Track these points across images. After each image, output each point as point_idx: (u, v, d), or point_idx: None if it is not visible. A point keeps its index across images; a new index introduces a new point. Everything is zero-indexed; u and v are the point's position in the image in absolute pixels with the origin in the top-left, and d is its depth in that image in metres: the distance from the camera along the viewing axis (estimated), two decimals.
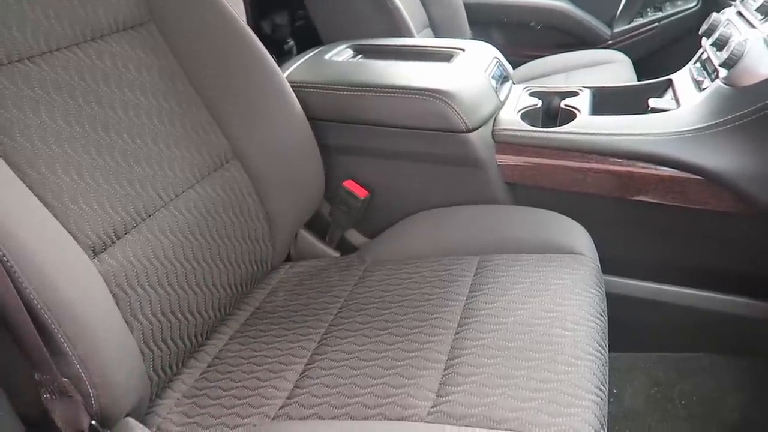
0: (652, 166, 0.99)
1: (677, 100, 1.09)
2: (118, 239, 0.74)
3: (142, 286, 0.75)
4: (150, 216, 0.79)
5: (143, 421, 0.72)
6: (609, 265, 0.99)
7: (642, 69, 1.85)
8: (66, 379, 0.60)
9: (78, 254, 0.67)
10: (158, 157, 0.82)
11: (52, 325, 0.59)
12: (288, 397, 0.74)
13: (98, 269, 0.69)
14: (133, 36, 0.86)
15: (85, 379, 0.61)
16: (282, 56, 1.89)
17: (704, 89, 1.04)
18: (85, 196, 0.71)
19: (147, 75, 0.85)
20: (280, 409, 0.73)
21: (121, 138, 0.79)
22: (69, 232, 0.68)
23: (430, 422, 0.65)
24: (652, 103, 1.10)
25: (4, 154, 0.65)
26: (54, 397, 0.60)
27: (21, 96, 0.69)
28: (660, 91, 1.18)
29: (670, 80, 1.18)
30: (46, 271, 0.59)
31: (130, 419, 0.68)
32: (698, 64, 1.15)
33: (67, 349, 0.60)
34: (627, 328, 1.09)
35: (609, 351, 0.78)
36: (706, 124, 0.97)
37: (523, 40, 2.29)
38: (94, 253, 0.71)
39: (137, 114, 0.82)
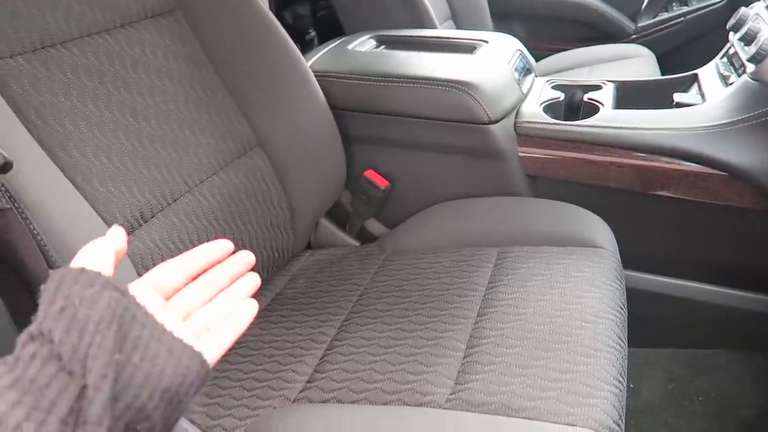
0: (676, 161, 0.98)
1: (703, 95, 1.08)
2: (144, 222, 0.76)
3: None
4: (175, 200, 0.81)
5: None
6: (628, 259, 0.99)
7: (666, 64, 1.83)
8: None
9: None
10: (184, 143, 0.84)
11: None
12: (308, 381, 0.75)
13: (126, 252, 0.71)
14: (161, 23, 0.88)
15: None
16: (303, 47, 1.90)
17: (731, 84, 1.03)
18: (113, 180, 0.73)
19: (174, 62, 0.87)
20: (300, 392, 0.74)
21: (149, 123, 0.80)
22: (98, 214, 0.69)
23: (448, 409, 0.66)
24: (677, 97, 1.09)
25: (38, 137, 0.66)
26: None
27: (53, 80, 0.71)
28: (685, 85, 1.17)
29: (696, 75, 1.17)
30: (77, 251, 0.61)
31: None
32: (725, 59, 1.13)
33: None
34: (645, 323, 1.09)
35: (627, 345, 0.78)
36: (731, 120, 0.96)
37: (546, 33, 2.27)
38: None
39: (164, 100, 0.83)
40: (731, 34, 1.12)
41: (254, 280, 0.46)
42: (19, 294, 0.58)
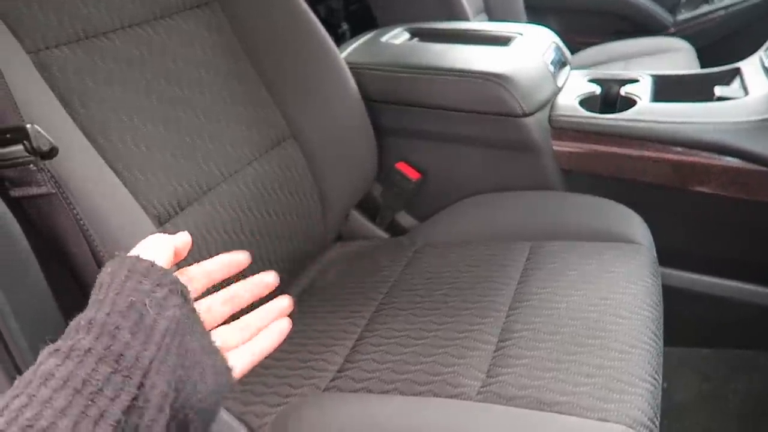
0: (716, 156, 0.96)
1: (745, 89, 1.05)
2: (181, 210, 0.77)
3: (202, 256, 0.77)
4: (210, 190, 0.82)
5: None
6: (664, 256, 0.97)
7: (706, 58, 1.78)
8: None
9: (145, 222, 0.70)
10: (219, 133, 0.85)
11: None
12: (338, 371, 0.76)
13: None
14: (199, 15, 0.89)
15: None
16: (337, 40, 1.90)
17: None
18: (152, 168, 0.74)
19: (211, 53, 0.88)
20: (330, 381, 0.75)
21: (186, 113, 0.81)
22: (137, 202, 0.71)
23: (479, 401, 0.66)
24: (719, 91, 1.06)
25: (81, 124, 0.68)
26: None
27: (97, 70, 0.72)
28: (727, 79, 1.14)
29: (738, 68, 1.14)
30: (118, 237, 0.62)
31: None
32: None
33: None
34: (680, 321, 1.07)
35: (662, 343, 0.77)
36: None
37: (581, 26, 2.23)
38: (159, 222, 0.74)
39: (201, 91, 0.84)
40: None
41: (283, 304, 0.44)
42: (63, 278, 0.59)
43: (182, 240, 0.40)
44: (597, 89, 1.14)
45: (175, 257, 0.39)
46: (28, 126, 0.53)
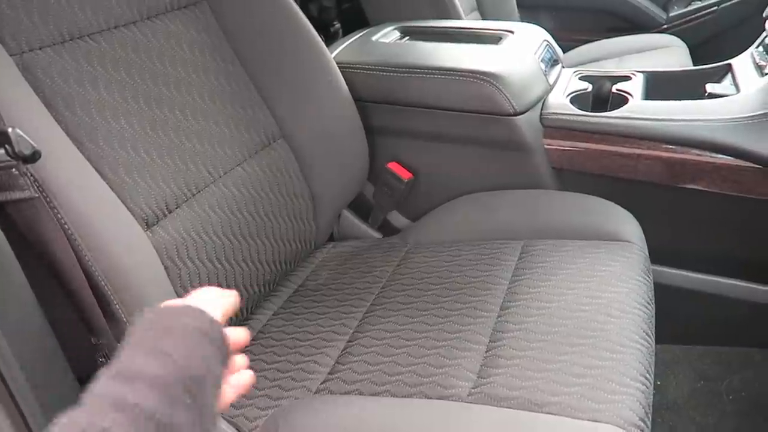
0: (707, 154, 0.96)
1: (737, 86, 1.05)
2: (169, 213, 0.76)
3: (192, 259, 0.77)
4: (199, 192, 0.81)
5: None
6: (658, 254, 0.97)
7: (698, 55, 1.78)
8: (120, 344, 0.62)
9: (133, 226, 0.69)
10: (208, 134, 0.84)
11: (108, 292, 0.62)
12: (330, 373, 0.76)
13: (151, 241, 0.72)
14: (187, 15, 0.88)
15: None
16: (328, 39, 1.89)
17: (767, 74, 1.00)
18: (139, 170, 0.74)
19: (199, 53, 0.87)
20: (322, 383, 0.74)
21: (174, 114, 0.81)
22: (124, 205, 0.70)
23: (470, 403, 0.66)
24: (710, 88, 1.06)
25: (66, 127, 0.67)
26: (108, 360, 0.63)
27: (81, 72, 0.72)
28: (718, 76, 1.14)
29: (730, 65, 1.14)
30: (103, 240, 0.62)
31: None
32: (761, 49, 1.10)
33: (122, 315, 0.63)
34: (674, 319, 1.07)
35: (654, 342, 0.77)
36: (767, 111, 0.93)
37: (574, 23, 2.23)
38: (147, 225, 0.73)
39: (189, 91, 0.84)
40: None
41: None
42: (46, 283, 0.59)
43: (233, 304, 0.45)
44: (588, 87, 1.13)
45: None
46: (9, 130, 0.53)
